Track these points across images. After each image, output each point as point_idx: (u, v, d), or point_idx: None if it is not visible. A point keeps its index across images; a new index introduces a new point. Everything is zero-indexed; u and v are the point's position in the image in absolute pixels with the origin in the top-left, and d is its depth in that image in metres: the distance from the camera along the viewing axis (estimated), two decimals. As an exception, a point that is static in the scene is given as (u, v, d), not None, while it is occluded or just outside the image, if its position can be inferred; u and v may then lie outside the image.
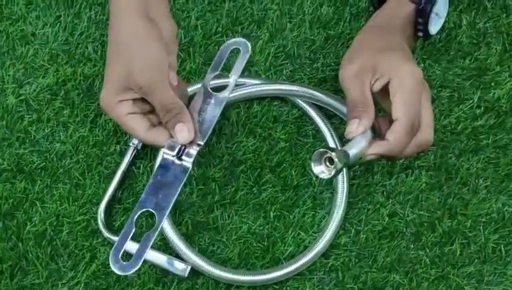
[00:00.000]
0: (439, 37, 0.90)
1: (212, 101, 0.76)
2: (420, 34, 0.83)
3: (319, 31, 0.90)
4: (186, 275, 0.80)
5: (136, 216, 0.71)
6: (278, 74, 0.89)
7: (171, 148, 0.73)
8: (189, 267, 0.79)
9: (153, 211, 0.71)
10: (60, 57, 0.88)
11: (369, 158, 0.74)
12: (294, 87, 0.85)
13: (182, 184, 0.72)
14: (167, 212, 0.71)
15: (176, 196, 0.71)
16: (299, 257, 0.82)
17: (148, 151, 0.85)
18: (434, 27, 0.84)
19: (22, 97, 0.87)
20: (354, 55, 0.77)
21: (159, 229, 0.70)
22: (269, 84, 0.86)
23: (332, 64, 0.89)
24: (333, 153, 0.69)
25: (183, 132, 0.73)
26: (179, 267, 0.80)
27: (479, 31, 0.90)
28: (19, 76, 0.87)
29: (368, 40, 0.80)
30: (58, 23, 0.89)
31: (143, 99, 0.74)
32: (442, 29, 0.89)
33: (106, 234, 0.81)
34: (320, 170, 0.70)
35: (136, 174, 0.85)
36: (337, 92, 0.88)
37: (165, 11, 0.77)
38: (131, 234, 0.70)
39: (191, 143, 0.73)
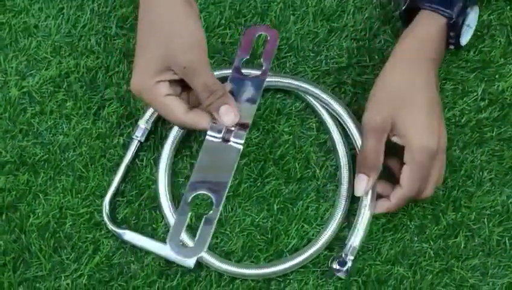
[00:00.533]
0: (443, 29, 0.90)
1: (249, 83, 0.76)
2: (451, 46, 0.82)
3: (323, 23, 0.90)
4: (192, 266, 0.79)
5: (190, 199, 0.70)
6: (281, 66, 0.88)
7: (217, 130, 0.72)
8: (195, 258, 0.79)
9: (208, 193, 0.70)
10: (62, 49, 0.88)
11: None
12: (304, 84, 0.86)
13: (236, 164, 0.71)
14: (225, 192, 0.70)
15: (231, 177, 0.71)
16: (304, 250, 0.81)
17: (151, 143, 0.85)
18: (465, 38, 0.83)
19: (25, 89, 0.86)
20: (380, 102, 0.78)
21: (219, 210, 0.69)
22: (281, 77, 0.86)
23: (336, 56, 0.89)
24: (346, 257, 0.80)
25: (230, 114, 0.72)
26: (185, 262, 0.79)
27: (483, 23, 0.90)
28: (22, 68, 0.87)
29: (393, 81, 0.79)
30: (61, 16, 0.89)
31: (177, 82, 0.73)
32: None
33: (111, 226, 0.81)
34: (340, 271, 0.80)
35: (139, 167, 0.85)
36: (341, 84, 0.87)
37: None
38: (188, 216, 0.69)
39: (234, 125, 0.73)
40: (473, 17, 0.83)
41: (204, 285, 0.82)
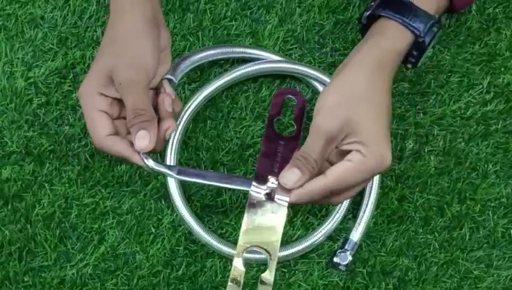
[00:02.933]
0: (448, 22, 0.90)
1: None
2: (409, 65, 0.77)
3: (328, 15, 0.90)
4: (250, 188, 0.72)
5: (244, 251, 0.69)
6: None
7: (260, 187, 0.70)
8: (253, 181, 0.71)
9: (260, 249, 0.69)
10: (69, 41, 0.88)
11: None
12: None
13: (284, 223, 0.70)
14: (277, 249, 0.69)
15: (281, 233, 0.69)
16: (307, 237, 0.82)
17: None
18: (423, 59, 0.78)
19: (31, 80, 0.87)
20: (338, 107, 0.70)
21: (275, 265, 0.68)
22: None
23: (341, 49, 0.89)
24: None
25: (144, 139, 0.68)
26: (240, 181, 0.73)
27: (488, 16, 0.90)
28: (28, 59, 0.87)
29: (355, 87, 0.71)
30: (67, 7, 0.89)
31: (118, 104, 0.71)
32: (452, 15, 0.89)
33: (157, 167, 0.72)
34: None
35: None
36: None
37: (163, 20, 0.76)
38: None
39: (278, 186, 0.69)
40: (436, 38, 0.77)
41: (209, 275, 0.82)
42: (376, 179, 0.83)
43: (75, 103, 0.86)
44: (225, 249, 0.81)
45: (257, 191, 0.70)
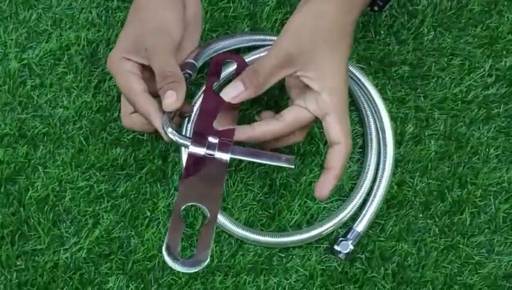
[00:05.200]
0: (450, 4, 0.88)
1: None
2: (376, 8, 0.77)
3: (328, -3, 0.88)
4: (293, 165, 0.71)
5: (182, 209, 0.67)
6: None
7: (200, 144, 0.70)
8: (293, 157, 0.72)
9: (200, 205, 0.67)
10: (63, 22, 0.87)
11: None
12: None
13: (225, 177, 0.70)
14: (219, 202, 0.68)
15: (223, 187, 0.69)
16: (323, 222, 0.81)
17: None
18: (391, 2, 0.78)
19: (25, 62, 0.85)
20: (303, 33, 0.70)
21: (215, 220, 0.66)
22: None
23: (341, 31, 0.87)
24: None
25: (172, 98, 0.69)
26: (283, 158, 0.71)
27: (490, -2, 0.88)
28: (22, 40, 0.86)
29: (323, 18, 0.71)
30: (62, -12, 0.87)
31: (147, 68, 0.73)
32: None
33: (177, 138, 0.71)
34: None
35: (139, 141, 0.83)
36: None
37: None
38: (183, 227, 0.66)
39: (217, 136, 0.70)
40: None
41: (205, 260, 0.81)
42: (388, 171, 0.81)
43: (69, 85, 0.85)
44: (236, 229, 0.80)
45: (197, 149, 0.69)
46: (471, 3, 0.88)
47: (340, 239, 0.80)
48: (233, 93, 0.71)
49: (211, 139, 0.70)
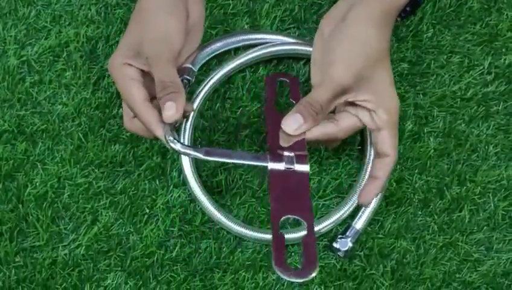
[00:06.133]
0: (449, 2, 0.88)
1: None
2: (398, 19, 0.79)
3: (327, -5, 0.89)
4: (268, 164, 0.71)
5: (279, 223, 0.67)
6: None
7: (278, 160, 0.70)
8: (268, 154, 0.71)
9: (294, 216, 0.68)
10: (62, 19, 0.86)
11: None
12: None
13: (309, 186, 0.70)
14: (311, 210, 0.69)
15: (310, 196, 0.69)
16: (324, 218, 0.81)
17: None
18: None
19: (24, 58, 0.85)
20: (352, 57, 0.72)
21: (313, 228, 0.67)
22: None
23: (340, 28, 0.87)
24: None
25: (171, 109, 0.69)
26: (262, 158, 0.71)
27: (490, -4, 0.88)
28: (21, 37, 0.86)
29: (368, 41, 0.72)
30: (61, -16, 0.87)
31: (148, 74, 0.72)
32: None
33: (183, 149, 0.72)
34: None
35: (138, 138, 0.83)
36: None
37: None
38: (284, 241, 0.66)
39: (290, 149, 0.70)
40: None
41: (204, 256, 0.81)
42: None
43: (68, 82, 0.85)
44: (236, 227, 0.80)
45: (276, 165, 0.70)
46: (470, 1, 0.88)
47: (338, 236, 0.80)
48: (294, 126, 0.71)
49: (286, 153, 0.70)
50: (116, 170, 0.83)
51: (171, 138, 0.70)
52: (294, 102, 0.74)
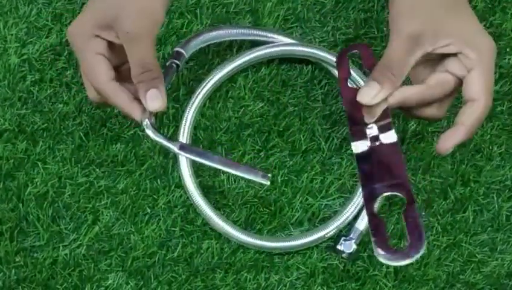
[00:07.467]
0: (453, 1, 0.88)
1: None
2: None
3: (330, -6, 0.88)
4: (268, 182, 0.68)
5: (376, 206, 0.65)
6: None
7: (362, 137, 0.66)
8: (269, 175, 0.68)
9: (391, 193, 0.64)
10: (63, 17, 0.86)
11: None
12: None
13: (402, 154, 0.66)
14: (409, 180, 0.64)
15: (405, 164, 0.65)
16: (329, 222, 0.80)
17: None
18: None
19: (25, 57, 0.85)
20: (417, 4, 0.65)
21: (414, 201, 0.63)
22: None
23: (343, 28, 0.87)
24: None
25: (157, 100, 0.63)
26: (260, 173, 0.68)
27: (494, -5, 0.88)
28: (22, 35, 0.85)
29: None
30: (63, -18, 0.87)
31: (116, 49, 0.65)
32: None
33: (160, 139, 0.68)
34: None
35: (140, 137, 0.83)
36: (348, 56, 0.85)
37: None
38: (385, 224, 0.63)
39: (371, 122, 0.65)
40: None
41: (205, 257, 0.80)
42: None
43: (69, 81, 0.84)
44: (234, 232, 0.80)
45: (361, 143, 0.66)
46: (474, 0, 0.88)
47: (342, 238, 0.80)
48: (371, 94, 0.64)
49: (369, 130, 0.66)
50: (117, 169, 0.82)
51: (147, 122, 0.65)
52: (369, 71, 0.67)
